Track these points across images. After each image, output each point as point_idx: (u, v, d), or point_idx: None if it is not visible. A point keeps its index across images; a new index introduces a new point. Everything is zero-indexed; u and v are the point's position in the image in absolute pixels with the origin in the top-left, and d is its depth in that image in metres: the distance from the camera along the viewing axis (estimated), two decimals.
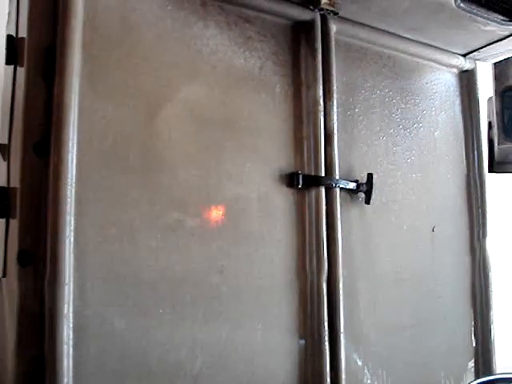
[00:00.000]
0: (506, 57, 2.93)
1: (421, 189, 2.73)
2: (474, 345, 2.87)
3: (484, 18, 2.51)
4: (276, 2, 2.33)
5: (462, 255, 2.87)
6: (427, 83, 2.86)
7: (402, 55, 2.76)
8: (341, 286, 2.33)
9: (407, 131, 2.72)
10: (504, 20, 2.57)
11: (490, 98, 3.12)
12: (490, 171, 3.22)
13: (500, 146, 3.05)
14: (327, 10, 2.39)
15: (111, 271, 1.90)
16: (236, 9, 2.28)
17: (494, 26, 2.57)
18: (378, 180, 2.53)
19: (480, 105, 2.99)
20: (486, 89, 3.12)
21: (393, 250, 2.59)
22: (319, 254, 2.30)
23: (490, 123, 3.14)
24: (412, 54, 2.78)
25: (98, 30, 1.97)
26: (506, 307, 4.03)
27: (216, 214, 2.13)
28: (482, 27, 2.57)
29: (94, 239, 1.87)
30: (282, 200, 2.28)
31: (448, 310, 2.77)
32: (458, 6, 2.40)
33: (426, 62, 2.85)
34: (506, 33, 2.63)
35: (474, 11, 2.47)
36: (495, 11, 2.53)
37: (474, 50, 2.86)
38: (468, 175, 2.95)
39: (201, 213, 2.09)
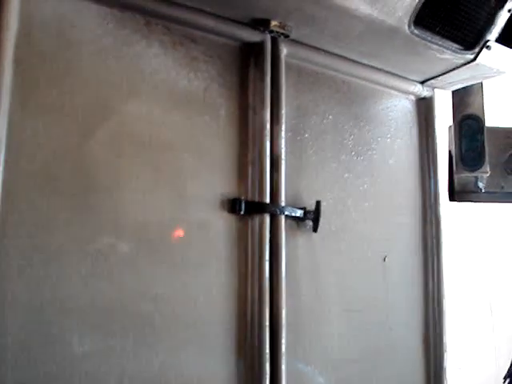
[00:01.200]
0: (463, 85, 2.89)
1: (373, 217, 2.66)
2: (425, 377, 2.78)
3: (439, 45, 2.47)
4: (224, 23, 2.27)
5: (414, 286, 2.79)
6: (383, 109, 2.80)
7: (357, 80, 2.70)
8: (284, 316, 2.24)
9: (360, 158, 2.65)
10: (459, 48, 2.53)
11: (451, 126, 3.07)
12: (450, 200, 3.18)
13: (458, 175, 3.00)
14: (277, 32, 2.33)
15: (35, 298, 1.80)
16: (182, 29, 2.21)
17: (449, 54, 2.53)
18: (328, 207, 2.46)
19: (437, 133, 2.94)
20: (447, 117, 3.08)
21: (342, 280, 2.51)
22: (261, 283, 2.22)
23: (450, 152, 3.09)
24: (368, 80, 2.72)
25: (32, 44, 1.90)
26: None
27: (152, 239, 2.04)
28: (438, 55, 2.53)
29: (17, 263, 1.78)
30: (223, 227, 2.20)
31: (399, 343, 2.69)
32: (412, 33, 2.36)
33: (382, 88, 2.79)
34: (462, 61, 2.58)
35: (429, 38, 2.42)
36: (450, 39, 2.49)
37: (432, 78, 2.81)
38: (423, 204, 2.88)
39: (135, 238, 2.01)
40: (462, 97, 2.98)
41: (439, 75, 2.76)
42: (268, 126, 2.31)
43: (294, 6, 2.17)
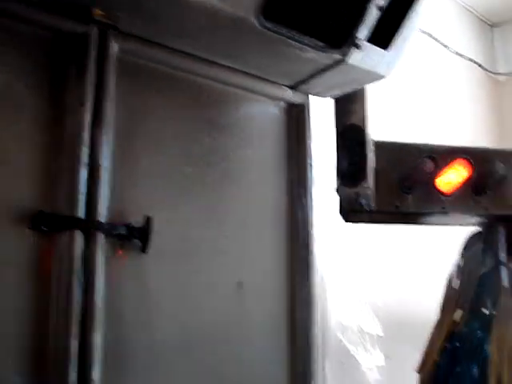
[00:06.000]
0: (342, 92, 2.60)
1: (227, 237, 2.34)
2: None
3: (299, 42, 2.17)
4: (36, 10, 1.95)
5: (279, 315, 2.45)
6: (244, 116, 2.48)
7: (212, 82, 2.38)
8: (96, 353, 1.91)
9: (212, 169, 2.33)
10: (323, 46, 2.23)
11: None
12: (345, 220, 2.88)
13: (340, 192, 2.69)
14: (103, 22, 2.02)
15: None
16: None
17: (313, 52, 2.23)
18: (166, 226, 2.14)
19: (309, 143, 2.62)
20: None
21: (180, 309, 2.18)
22: (68, 311, 1.88)
23: None
24: (225, 82, 2.41)
25: None
26: None
27: None
28: (301, 53, 2.23)
29: None
30: (19, 245, 1.87)
31: (257, 378, 2.35)
32: (263, 26, 2.06)
33: (242, 92, 2.47)
34: (330, 61, 2.29)
35: (285, 33, 2.13)
36: (311, 35, 2.20)
37: (302, 82, 2.50)
38: (292, 223, 2.55)
39: None
40: (343, 104, 2.69)
41: (309, 78, 2.45)
42: (87, 129, 1.99)
43: None
